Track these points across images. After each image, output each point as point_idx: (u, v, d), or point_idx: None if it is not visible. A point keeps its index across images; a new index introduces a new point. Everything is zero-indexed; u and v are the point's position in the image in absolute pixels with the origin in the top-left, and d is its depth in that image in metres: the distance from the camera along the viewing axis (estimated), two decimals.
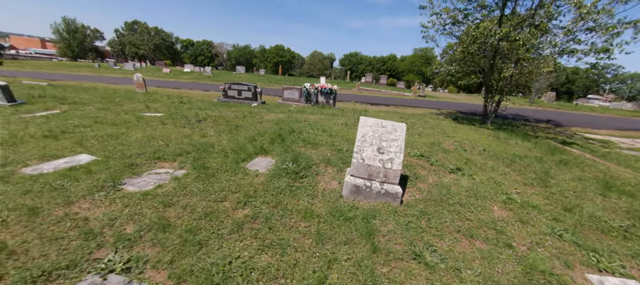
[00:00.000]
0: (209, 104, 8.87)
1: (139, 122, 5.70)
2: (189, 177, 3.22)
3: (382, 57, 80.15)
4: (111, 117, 5.99)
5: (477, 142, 5.60)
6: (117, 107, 7.17)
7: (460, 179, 3.61)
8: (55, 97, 7.67)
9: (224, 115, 6.95)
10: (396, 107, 11.90)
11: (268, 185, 3.09)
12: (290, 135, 5.10)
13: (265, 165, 3.80)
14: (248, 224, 2.37)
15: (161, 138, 4.68)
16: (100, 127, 5.14)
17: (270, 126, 5.93)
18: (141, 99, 8.74)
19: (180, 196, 2.76)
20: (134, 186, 2.95)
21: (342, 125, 6.24)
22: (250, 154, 4.12)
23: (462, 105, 15.25)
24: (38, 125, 5.01)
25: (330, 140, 4.91)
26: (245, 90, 9.52)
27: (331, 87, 9.15)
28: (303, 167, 3.66)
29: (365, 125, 3.14)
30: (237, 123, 6.11)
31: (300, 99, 9.59)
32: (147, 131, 5.06)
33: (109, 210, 2.42)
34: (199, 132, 5.30)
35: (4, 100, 6.67)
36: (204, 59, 75.03)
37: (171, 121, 5.94)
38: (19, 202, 2.39)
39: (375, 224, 2.50)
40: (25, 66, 23.32)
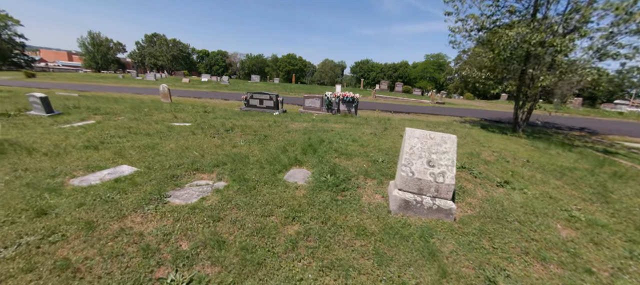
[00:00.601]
0: (232, 114, 8.98)
1: (171, 132, 5.79)
2: (231, 190, 3.18)
3: (394, 64, 79.81)
4: (143, 127, 6.14)
5: (516, 152, 5.33)
6: (147, 117, 7.36)
7: (511, 194, 3.39)
8: (89, 108, 7.98)
9: (250, 124, 6.99)
10: (417, 115, 11.66)
11: (312, 199, 3.00)
12: (321, 146, 5.02)
13: (303, 177, 3.72)
14: (302, 242, 2.27)
15: (195, 148, 4.71)
16: (136, 138, 5.25)
17: (298, 136, 5.89)
18: (168, 108, 8.97)
19: (226, 210, 2.71)
20: (179, 199, 2.93)
21: (370, 134, 6.11)
22: (285, 165, 4.07)
23: (484, 113, 14.77)
24: (77, 136, 5.18)
25: (362, 151, 4.79)
26: (267, 99, 9.60)
27: (353, 96, 9.07)
28: (342, 180, 3.55)
29: (412, 136, 3.02)
30: (265, 133, 6.11)
31: (322, 107, 9.56)
32: (180, 142, 5.12)
33: (161, 225, 2.39)
34: (230, 142, 5.32)
35: (43, 111, 6.98)
36: (218, 68, 77.11)
37: (201, 131, 6.01)
38: (74, 216, 2.40)
39: (434, 244, 2.34)
40: (56, 78, 24.72)
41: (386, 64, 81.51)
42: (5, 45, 49.25)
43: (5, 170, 3.44)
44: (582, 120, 14.37)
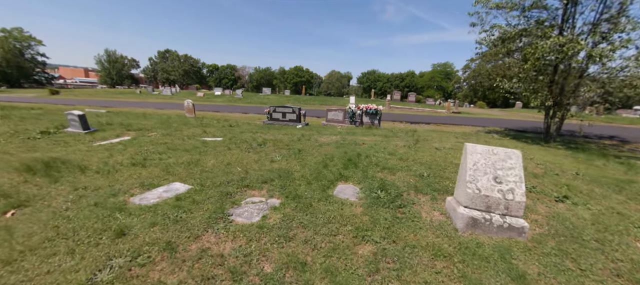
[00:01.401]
0: (257, 127, 9.10)
1: (207, 148, 5.89)
2: (287, 208, 3.18)
3: (401, 74, 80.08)
4: (179, 143, 6.26)
5: (561, 164, 5.20)
6: (178, 133, 7.52)
7: (575, 210, 3.28)
8: (121, 124, 8.22)
9: (279, 138, 7.05)
10: (439, 126, 11.57)
11: (373, 217, 2.97)
12: (360, 160, 5.00)
13: (352, 193, 3.70)
14: (382, 263, 2.23)
15: (237, 164, 4.76)
16: (175, 154, 5.35)
17: (331, 150, 5.90)
18: (195, 123, 9.15)
19: (293, 229, 2.70)
20: (241, 217, 2.94)
21: (404, 147, 6.07)
22: (331, 180, 4.05)
23: (504, 122, 14.54)
24: (120, 153, 5.31)
25: (404, 165, 4.75)
26: (290, 112, 9.71)
27: (376, 108, 9.10)
28: (395, 196, 3.51)
29: (474, 152, 2.98)
30: (297, 146, 6.14)
31: (345, 120, 9.60)
32: (219, 157, 5.19)
33: (237, 246, 2.39)
34: (266, 156, 5.36)
35: (80, 128, 7.22)
36: (227, 81, 78.72)
37: (235, 146, 6.09)
38: (152, 237, 2.43)
39: (517, 265, 2.27)
40: (78, 95, 25.68)
41: (393, 74, 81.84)
42: (27, 64, 51.71)
43: (67, 189, 3.53)
44: (608, 128, 14.00)
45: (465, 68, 58.29)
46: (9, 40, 48.36)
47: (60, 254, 2.14)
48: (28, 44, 52.00)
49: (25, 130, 7.04)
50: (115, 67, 65.07)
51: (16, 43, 49.65)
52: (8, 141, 6.02)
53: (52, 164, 4.31)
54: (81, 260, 2.07)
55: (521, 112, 23.97)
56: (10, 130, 6.95)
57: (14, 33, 49.56)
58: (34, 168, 4.12)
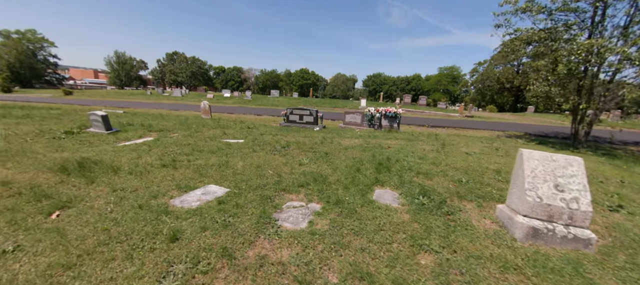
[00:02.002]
0: (275, 129, 9.04)
1: (231, 149, 5.83)
2: (332, 213, 3.08)
3: (407, 77, 79.79)
4: (202, 144, 6.22)
5: (602, 171, 5.03)
6: (198, 134, 7.50)
7: (635, 220, 3.12)
8: (142, 125, 8.23)
9: (301, 141, 6.97)
10: (456, 129, 11.40)
11: (424, 224, 2.86)
12: (391, 164, 4.89)
13: (392, 199, 3.59)
14: (452, 276, 2.12)
15: (267, 167, 4.69)
16: (202, 155, 5.30)
17: (358, 153, 5.80)
18: (212, 125, 9.14)
19: (345, 236, 2.60)
20: (288, 222, 2.85)
21: (432, 151, 5.94)
22: (367, 185, 3.95)
23: (521, 126, 14.26)
24: (147, 153, 5.28)
25: (438, 170, 4.63)
26: (307, 114, 9.64)
27: (395, 111, 8.98)
28: (439, 202, 3.39)
29: (531, 158, 2.86)
30: (321, 149, 6.06)
31: (363, 123, 9.50)
32: (246, 159, 5.13)
33: (293, 253, 2.30)
34: (293, 159, 5.28)
35: (103, 129, 7.24)
36: (234, 83, 79.28)
37: (259, 148, 6.03)
38: (206, 242, 2.36)
39: (593, 279, 2.13)
40: (91, 95, 26.02)
41: (398, 77, 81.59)
42: (40, 65, 52.77)
43: (105, 190, 3.49)
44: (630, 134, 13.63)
45: (473, 71, 57.86)
46: (23, 42, 49.44)
47: (118, 259, 2.07)
48: (41, 45, 53.13)
49: (49, 129, 7.08)
50: (124, 68, 65.95)
51: (29, 44, 50.73)
52: (35, 140, 6.05)
53: (85, 165, 4.29)
54: (142, 266, 2.00)
55: (534, 116, 23.59)
56: (36, 129, 7.00)
57: (27, 35, 50.69)
58: (69, 168, 4.10)
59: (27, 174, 4.01)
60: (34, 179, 3.79)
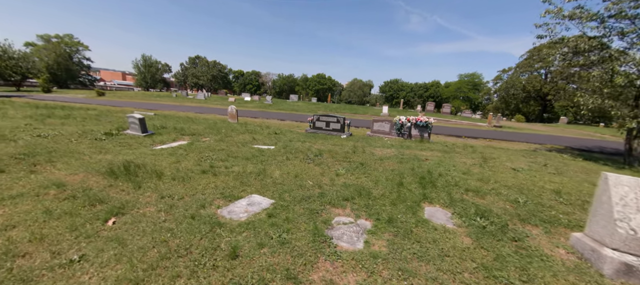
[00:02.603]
0: (302, 136, 8.97)
1: (264, 156, 5.79)
2: (386, 232, 2.90)
3: (425, 84, 78.12)
4: (235, 150, 6.23)
5: None
6: (229, 139, 7.55)
7: None
8: (175, 128, 8.44)
9: (331, 149, 6.83)
10: (488, 141, 10.85)
11: (491, 251, 2.61)
12: (433, 178, 4.64)
13: (445, 218, 3.35)
14: None
15: (305, 177, 4.58)
16: (237, 162, 5.28)
17: (395, 165, 5.57)
18: (240, 129, 9.22)
19: (409, 261, 2.41)
20: (343, 241, 2.70)
21: (475, 165, 5.62)
22: (415, 202, 3.73)
23: (558, 139, 13.37)
24: (184, 158, 5.33)
25: (489, 188, 4.32)
26: (334, 122, 9.52)
27: (426, 120, 8.66)
28: (501, 226, 3.12)
29: (619, 184, 2.55)
30: (355, 159, 5.89)
31: (391, 131, 9.24)
32: (283, 168, 5.05)
33: (360, 278, 2.14)
34: (329, 169, 5.15)
35: (139, 131, 7.46)
36: (252, 87, 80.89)
37: (292, 156, 5.95)
38: (268, 261, 2.25)
39: None
40: (121, 97, 27.40)
41: (416, 84, 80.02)
42: (75, 67, 56.39)
43: (153, 196, 3.50)
44: None
45: (496, 79, 55.68)
46: (61, 46, 53.11)
47: (183, 277, 2.00)
48: (76, 49, 56.85)
49: (91, 131, 7.39)
50: (150, 71, 69.17)
51: (66, 48, 54.41)
52: (79, 141, 6.30)
53: (130, 168, 4.36)
54: None
55: (567, 128, 22.15)
56: (79, 130, 7.32)
57: (65, 39, 54.45)
58: (116, 172, 4.19)
59: (77, 175, 4.13)
60: (85, 182, 3.88)
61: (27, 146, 5.47)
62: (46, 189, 3.53)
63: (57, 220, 2.77)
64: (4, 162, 4.49)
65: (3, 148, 5.24)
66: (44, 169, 4.38)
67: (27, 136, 6.37)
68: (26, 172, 4.16)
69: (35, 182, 3.78)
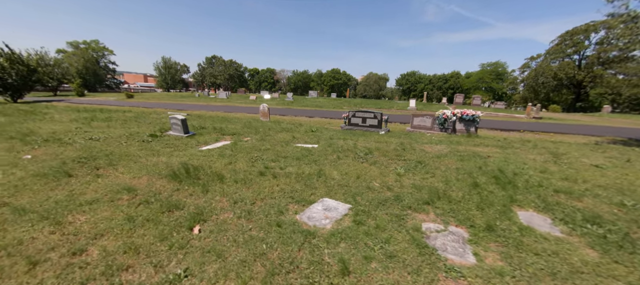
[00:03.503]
0: (339, 133, 8.70)
1: (313, 155, 5.59)
2: (490, 242, 2.59)
3: (444, 75, 75.20)
4: (281, 150, 6.06)
5: None
6: (270, 138, 7.43)
7: None
8: (214, 128, 8.44)
9: (378, 147, 6.51)
10: (536, 134, 10.07)
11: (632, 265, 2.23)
12: (509, 178, 4.22)
13: (548, 225, 2.98)
14: None
15: (368, 178, 4.32)
16: (288, 162, 5.09)
17: (457, 163, 5.19)
18: (276, 128, 9.10)
19: (540, 278, 2.10)
20: (450, 254, 2.42)
21: (548, 162, 5.12)
22: (503, 205, 3.37)
23: (610, 130, 12.23)
24: (235, 159, 5.21)
25: (581, 188, 3.87)
26: (371, 117, 9.17)
27: (473, 113, 8.12)
28: (623, 234, 2.70)
29: None
30: (410, 157, 5.55)
31: (433, 126, 8.77)
32: (338, 168, 4.82)
33: None
34: (387, 168, 4.86)
35: (182, 132, 7.49)
36: (267, 84, 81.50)
37: (341, 155, 5.70)
38: (385, 279, 2.01)
39: None
40: (148, 98, 28.36)
41: (435, 75, 77.21)
42: (101, 71, 59.17)
43: (225, 201, 3.37)
44: None
45: (523, 67, 52.44)
46: (88, 51, 55.86)
47: None
48: (102, 53, 59.60)
49: (136, 133, 7.50)
50: (170, 72, 71.32)
51: (93, 53, 57.16)
52: (128, 144, 6.38)
53: (190, 171, 4.29)
54: None
55: (614, 117, 20.37)
56: (125, 133, 7.46)
57: (92, 45, 57.22)
58: (178, 174, 4.12)
59: (141, 179, 4.10)
60: (151, 185, 3.83)
61: (84, 149, 5.58)
62: (118, 194, 3.50)
63: (143, 228, 2.69)
64: (69, 166, 4.56)
65: (64, 152, 5.38)
66: (108, 172, 4.40)
67: (81, 139, 6.53)
68: (93, 176, 4.19)
69: (105, 186, 3.77)
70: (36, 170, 4.29)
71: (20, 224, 2.76)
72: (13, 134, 6.72)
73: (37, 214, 2.93)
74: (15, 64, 18.24)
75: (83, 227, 2.72)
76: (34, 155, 5.22)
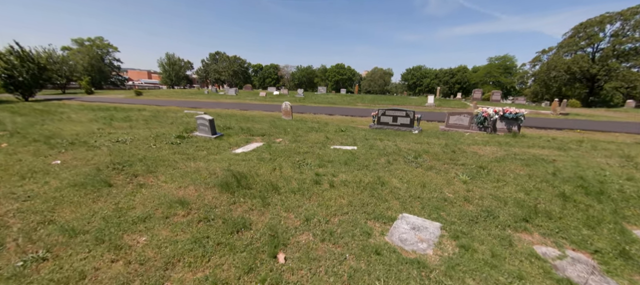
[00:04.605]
0: (370, 132, 8.27)
1: (360, 159, 5.17)
2: (635, 273, 2.16)
3: (451, 69, 73.97)
4: (320, 153, 5.65)
5: None
6: (302, 139, 7.02)
7: None
8: (241, 128, 8.04)
9: (427, 150, 6.06)
10: (573, 132, 9.55)
11: None
12: (598, 188, 3.78)
13: None
14: None
15: (433, 187, 3.90)
16: (338, 168, 4.68)
17: (523, 169, 4.74)
18: (304, 127, 8.68)
19: None
20: None
21: (627, 167, 4.65)
22: (613, 222, 2.94)
23: None
24: (278, 164, 4.81)
25: None
26: (403, 116, 8.72)
27: (517, 112, 7.63)
28: None
29: None
30: (466, 162, 5.12)
31: (471, 125, 8.29)
32: (397, 174, 4.41)
33: None
34: (446, 174, 4.44)
35: (209, 133, 7.09)
36: (271, 80, 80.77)
37: (392, 159, 5.28)
38: None
39: None
40: (158, 95, 28.03)
41: (441, 70, 75.99)
42: (106, 68, 58.95)
43: (294, 217, 2.97)
44: None
45: (534, 60, 51.25)
46: (93, 48, 55.54)
47: None
48: (107, 50, 59.27)
49: (162, 134, 7.13)
50: (174, 69, 70.89)
51: (98, 50, 56.83)
52: (158, 146, 6.00)
53: (240, 180, 3.90)
54: None
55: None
56: (151, 134, 7.08)
57: (96, 42, 56.85)
58: (229, 184, 3.73)
59: (187, 189, 3.72)
60: (202, 198, 3.45)
61: (114, 153, 5.21)
62: (171, 209, 3.11)
63: (218, 255, 2.30)
64: (105, 173, 4.19)
65: (94, 157, 5.01)
66: (149, 180, 4.03)
67: (107, 142, 6.17)
68: (134, 186, 3.82)
69: (152, 198, 3.39)
70: (72, 179, 3.92)
71: (75, 248, 2.40)
72: (36, 136, 6.37)
73: (90, 236, 2.56)
74: (25, 62, 17.95)
75: (147, 253, 2.35)
76: (63, 160, 4.86)
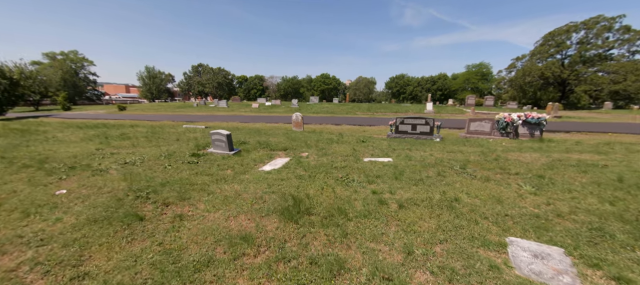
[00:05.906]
0: (393, 142, 7.96)
1: (406, 173, 4.79)
2: None
3: (432, 77, 76.87)
4: (359, 166, 5.21)
5: None
6: (329, 152, 6.55)
7: None
8: (259, 143, 7.43)
9: (469, 159, 5.79)
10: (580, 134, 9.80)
11: None
12: None
13: None
14: None
15: (510, 202, 3.57)
16: (393, 184, 4.27)
17: (582, 176, 4.56)
18: (323, 139, 8.22)
19: None
20: None
21: None
22: None
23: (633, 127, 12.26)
24: (321, 182, 4.31)
25: None
26: (422, 124, 8.52)
27: (539, 117, 7.65)
28: None
29: None
30: (517, 170, 4.89)
31: (492, 131, 8.22)
32: (455, 188, 4.06)
33: None
34: (508, 186, 4.16)
35: (227, 149, 6.45)
36: (256, 92, 79.62)
37: (442, 170, 4.94)
38: None
39: None
40: (144, 109, 26.39)
41: (423, 77, 78.80)
42: (81, 82, 55.57)
43: (390, 251, 2.49)
44: None
45: (510, 67, 54.44)
46: (67, 62, 52.28)
47: None
48: (81, 64, 56.06)
49: (173, 152, 6.39)
50: (155, 82, 68.23)
51: (72, 64, 53.57)
52: (174, 167, 5.30)
53: (301, 206, 3.36)
54: None
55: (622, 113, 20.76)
56: (160, 153, 6.33)
57: (70, 55, 53.63)
58: (290, 211, 3.19)
59: (237, 219, 3.14)
60: (263, 229, 2.88)
61: (128, 178, 4.47)
62: (234, 247, 2.54)
63: None
64: (130, 204, 3.50)
65: (106, 183, 4.25)
66: (186, 210, 3.39)
67: (113, 164, 5.38)
68: (171, 218, 3.18)
69: (203, 234, 2.79)
70: (90, 214, 3.22)
71: None
72: (26, 160, 5.44)
73: None
74: None
75: None
76: (69, 189, 4.08)
